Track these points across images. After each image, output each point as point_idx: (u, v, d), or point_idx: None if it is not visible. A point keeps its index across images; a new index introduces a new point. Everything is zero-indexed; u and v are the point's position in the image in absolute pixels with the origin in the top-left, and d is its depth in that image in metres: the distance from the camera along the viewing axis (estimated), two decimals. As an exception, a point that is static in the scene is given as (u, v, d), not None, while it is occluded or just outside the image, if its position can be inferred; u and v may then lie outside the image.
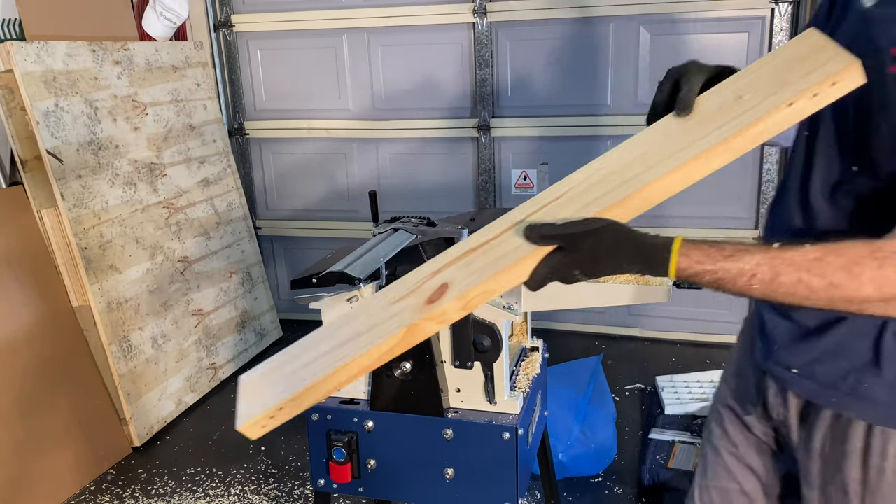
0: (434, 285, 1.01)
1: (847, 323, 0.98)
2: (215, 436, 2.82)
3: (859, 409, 1.01)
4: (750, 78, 1.01)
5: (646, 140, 1.03)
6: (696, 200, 3.26)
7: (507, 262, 0.95)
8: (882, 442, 1.01)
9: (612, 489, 2.42)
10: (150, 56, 3.13)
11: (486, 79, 3.39)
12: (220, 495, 2.49)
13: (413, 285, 1.04)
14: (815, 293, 0.84)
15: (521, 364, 1.72)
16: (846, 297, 0.83)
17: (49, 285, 2.61)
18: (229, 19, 3.62)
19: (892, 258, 0.82)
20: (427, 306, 0.99)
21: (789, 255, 0.85)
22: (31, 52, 2.56)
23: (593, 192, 0.98)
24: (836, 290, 0.83)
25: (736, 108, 0.97)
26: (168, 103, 3.17)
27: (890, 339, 0.96)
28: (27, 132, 2.56)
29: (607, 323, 3.59)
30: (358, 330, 1.05)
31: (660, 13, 3.11)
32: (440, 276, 1.01)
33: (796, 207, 1.05)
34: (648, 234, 0.89)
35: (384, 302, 1.05)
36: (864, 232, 0.86)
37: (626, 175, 0.98)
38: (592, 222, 0.90)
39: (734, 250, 0.86)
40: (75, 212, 2.62)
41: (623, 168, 0.99)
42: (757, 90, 0.97)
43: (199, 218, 3.26)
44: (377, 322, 1.04)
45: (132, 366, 2.76)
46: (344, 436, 1.59)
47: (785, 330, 1.07)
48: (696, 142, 0.96)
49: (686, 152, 0.95)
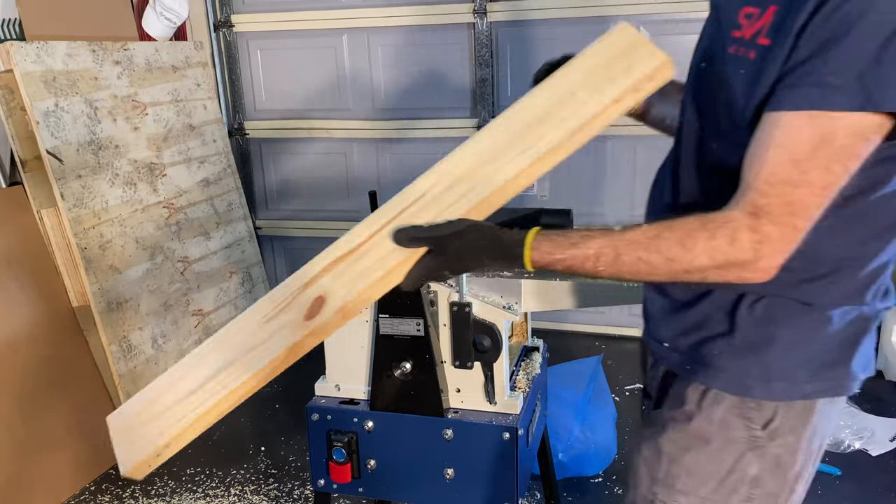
0: (309, 298, 1.01)
1: (711, 296, 1.02)
2: (215, 436, 2.82)
3: (705, 375, 1.04)
4: (579, 75, 1.07)
5: (490, 140, 1.06)
6: (696, 200, 3.26)
7: (381, 270, 0.98)
8: (711, 403, 1.04)
9: (612, 489, 2.42)
10: (150, 56, 3.13)
11: (486, 79, 3.39)
12: (220, 495, 2.49)
13: (283, 301, 1.04)
14: (655, 268, 0.91)
15: (521, 364, 1.72)
16: (684, 268, 0.89)
17: (49, 285, 2.61)
18: (229, 19, 3.62)
19: (722, 228, 0.88)
20: (307, 322, 1.00)
21: (629, 235, 0.92)
22: (31, 52, 2.56)
23: (449, 197, 1.02)
24: (673, 264, 0.89)
25: (572, 105, 1.04)
26: (168, 103, 3.17)
27: (744, 309, 1.00)
28: (27, 132, 2.56)
29: (607, 323, 3.58)
30: (235, 354, 1.04)
31: (660, 13, 3.11)
32: (313, 288, 1.02)
33: (669, 185, 1.11)
34: (507, 232, 0.96)
35: (256, 321, 1.04)
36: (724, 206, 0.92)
37: (477, 178, 1.02)
38: (456, 224, 0.97)
39: (580, 237, 0.93)
40: (75, 212, 2.62)
41: (472, 171, 1.04)
42: (587, 87, 1.05)
43: (199, 218, 3.26)
44: (255, 344, 1.04)
45: (132, 366, 2.76)
46: (344, 436, 1.59)
47: (659, 306, 1.12)
48: (539, 140, 1.02)
49: (530, 153, 1.02)
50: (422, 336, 1.49)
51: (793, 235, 0.87)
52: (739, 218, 0.88)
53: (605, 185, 3.36)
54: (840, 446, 2.39)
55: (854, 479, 2.26)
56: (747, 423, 1.02)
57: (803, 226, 0.87)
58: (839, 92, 0.84)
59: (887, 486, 2.25)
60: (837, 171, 0.86)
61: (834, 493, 2.21)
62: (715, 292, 1.02)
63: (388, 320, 1.51)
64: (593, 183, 3.37)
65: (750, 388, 1.02)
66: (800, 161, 0.86)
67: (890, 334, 3.00)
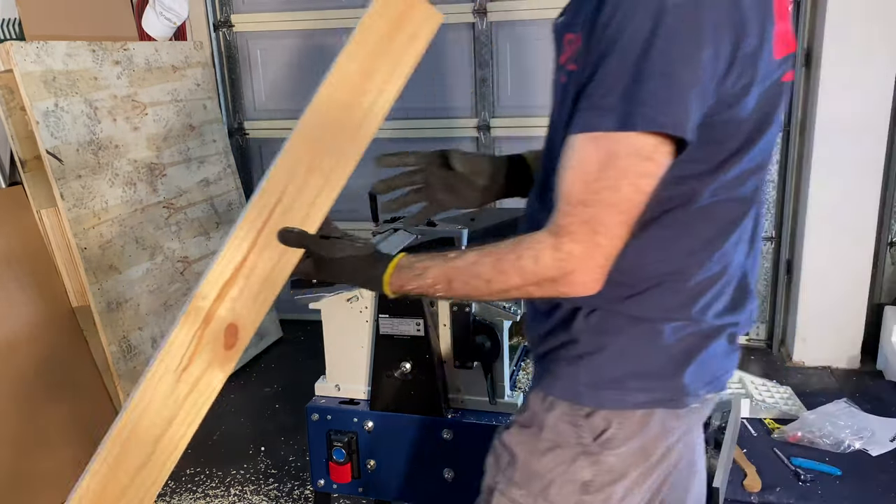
0: (219, 330, 1.04)
1: (560, 308, 1.05)
2: (215, 436, 2.82)
3: (544, 382, 1.07)
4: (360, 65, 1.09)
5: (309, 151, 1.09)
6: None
7: (276, 285, 1.04)
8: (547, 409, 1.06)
9: (612, 489, 2.42)
10: (149, 56, 3.12)
11: (486, 79, 3.39)
12: (219, 495, 2.49)
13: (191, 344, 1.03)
14: (480, 291, 0.97)
15: (521, 364, 1.72)
16: (502, 288, 0.95)
17: (49, 285, 2.61)
18: (229, 19, 3.62)
19: (528, 249, 0.92)
20: (230, 352, 1.05)
21: (457, 263, 0.98)
22: (31, 52, 2.56)
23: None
24: (492, 285, 0.95)
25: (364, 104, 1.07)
26: (168, 103, 3.17)
27: (581, 320, 1.03)
28: (27, 132, 2.56)
29: (607, 323, 3.58)
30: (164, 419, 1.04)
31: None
32: (217, 320, 1.03)
33: (533, 199, 1.15)
34: (376, 264, 1.04)
35: (171, 378, 1.03)
36: None
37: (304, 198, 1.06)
38: (338, 248, 1.05)
39: (422, 268, 1.00)
40: (75, 212, 2.62)
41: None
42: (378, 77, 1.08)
43: (199, 218, 3.26)
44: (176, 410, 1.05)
45: (132, 366, 2.76)
46: (344, 436, 1.59)
47: (530, 312, 1.16)
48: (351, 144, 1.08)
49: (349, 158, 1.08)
50: (422, 336, 1.49)
51: (597, 252, 0.89)
52: (544, 238, 0.91)
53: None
54: (840, 446, 2.39)
55: (854, 479, 2.26)
56: (578, 430, 1.03)
57: (608, 243, 0.89)
58: (607, 113, 0.86)
59: (887, 486, 2.24)
60: (627, 190, 0.87)
61: (834, 493, 2.21)
62: (562, 305, 1.05)
63: (388, 320, 1.51)
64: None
65: (580, 395, 1.03)
66: (589, 182, 0.88)
67: (890, 334, 3.00)
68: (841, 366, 3.12)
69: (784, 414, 2.63)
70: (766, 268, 3.31)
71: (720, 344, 1.05)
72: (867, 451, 2.39)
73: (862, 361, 3.11)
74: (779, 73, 0.96)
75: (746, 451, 2.39)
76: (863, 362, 3.11)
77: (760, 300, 3.33)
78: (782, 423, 2.56)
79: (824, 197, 2.99)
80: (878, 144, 2.89)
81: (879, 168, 2.92)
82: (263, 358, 3.50)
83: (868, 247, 3.00)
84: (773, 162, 3.17)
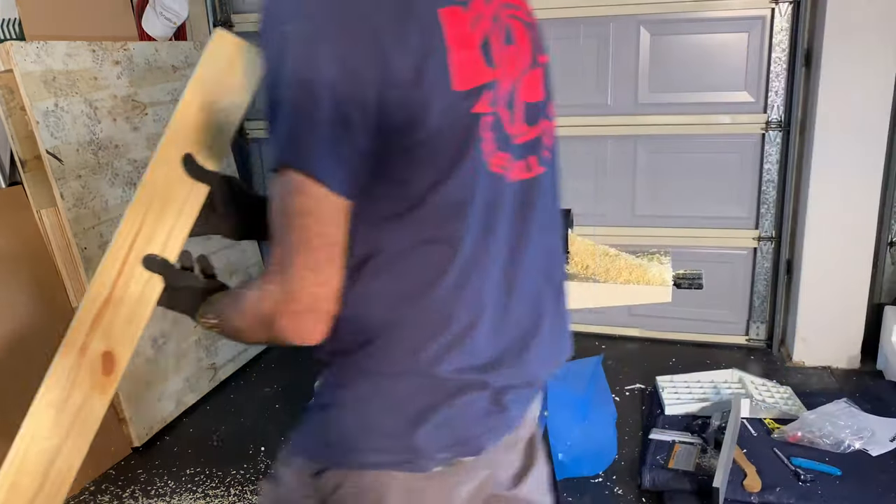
0: (95, 359, 1.07)
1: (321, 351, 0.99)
2: (215, 436, 2.82)
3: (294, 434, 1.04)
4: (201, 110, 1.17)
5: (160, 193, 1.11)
6: (697, 201, 3.26)
7: (146, 309, 1.09)
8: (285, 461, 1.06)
9: (612, 489, 2.42)
10: (149, 56, 3.12)
11: (486, 79, 3.38)
12: (219, 495, 2.49)
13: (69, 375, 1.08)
14: (237, 333, 0.97)
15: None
16: (247, 329, 0.93)
17: (49, 285, 2.61)
18: (229, 19, 3.62)
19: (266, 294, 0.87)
20: (109, 377, 1.08)
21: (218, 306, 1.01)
22: (31, 52, 2.56)
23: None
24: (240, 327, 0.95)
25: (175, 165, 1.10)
26: (168, 103, 3.17)
27: (326, 374, 1.00)
28: (27, 132, 2.56)
29: (607, 323, 3.58)
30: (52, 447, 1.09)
31: (660, 13, 3.11)
32: (93, 350, 1.07)
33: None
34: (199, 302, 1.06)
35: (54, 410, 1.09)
36: None
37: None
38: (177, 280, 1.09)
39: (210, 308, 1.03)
40: (75, 212, 2.62)
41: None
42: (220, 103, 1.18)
43: (198, 218, 3.25)
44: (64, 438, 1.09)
45: (132, 366, 2.76)
46: (344, 436, 1.58)
47: None
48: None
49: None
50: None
51: (293, 297, 0.84)
52: (258, 282, 0.90)
53: (605, 185, 3.36)
54: (840, 446, 2.39)
55: (854, 479, 2.26)
56: (307, 488, 0.99)
57: (300, 286, 0.84)
58: (271, 150, 0.86)
59: (887, 486, 2.24)
60: (303, 231, 0.83)
61: (834, 493, 2.21)
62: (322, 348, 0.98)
63: (389, 320, 1.51)
64: (593, 183, 3.37)
65: (309, 451, 1.00)
66: (275, 221, 0.85)
67: (890, 334, 3.00)
68: (841, 366, 3.13)
69: (784, 414, 2.63)
70: (766, 268, 3.31)
71: (472, 403, 0.95)
72: (867, 451, 2.39)
73: (862, 361, 3.11)
74: (465, 104, 0.88)
75: (746, 451, 2.39)
76: (863, 362, 3.11)
77: (760, 300, 3.33)
78: (782, 423, 2.56)
79: (824, 197, 2.99)
80: (878, 144, 2.90)
81: (879, 168, 2.92)
82: (263, 358, 3.50)
83: (868, 247, 3.00)
84: (773, 162, 3.18)
